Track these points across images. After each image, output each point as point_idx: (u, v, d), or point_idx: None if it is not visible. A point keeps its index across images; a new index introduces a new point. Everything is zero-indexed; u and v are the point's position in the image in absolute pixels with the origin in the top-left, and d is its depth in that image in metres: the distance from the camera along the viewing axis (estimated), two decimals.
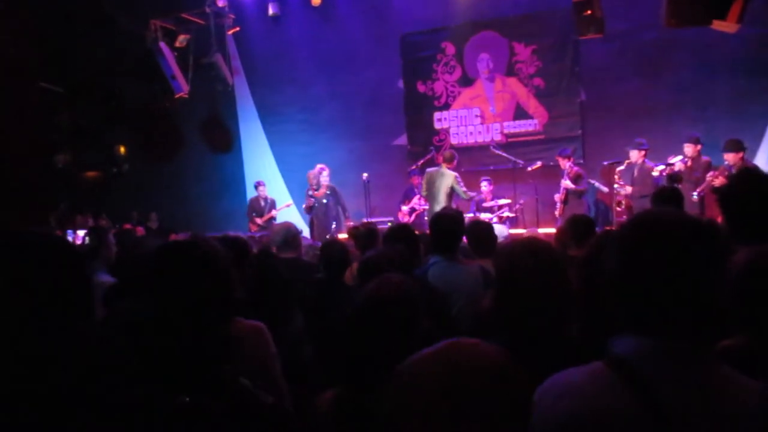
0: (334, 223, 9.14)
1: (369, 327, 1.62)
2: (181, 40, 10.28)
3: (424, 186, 8.20)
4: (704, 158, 7.41)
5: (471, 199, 8.24)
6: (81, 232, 6.47)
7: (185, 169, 11.56)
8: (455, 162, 8.06)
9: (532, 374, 1.44)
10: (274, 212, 9.90)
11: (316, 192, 9.22)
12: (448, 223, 3.58)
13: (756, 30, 7.45)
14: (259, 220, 9.80)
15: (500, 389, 1.00)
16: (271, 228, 9.63)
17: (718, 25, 6.42)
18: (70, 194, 11.20)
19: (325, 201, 9.21)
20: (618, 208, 7.89)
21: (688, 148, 7.38)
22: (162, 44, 9.81)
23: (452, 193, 7.93)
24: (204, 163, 11.63)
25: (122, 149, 11.88)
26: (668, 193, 4.26)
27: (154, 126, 11.53)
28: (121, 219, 10.57)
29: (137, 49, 10.01)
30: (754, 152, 7.88)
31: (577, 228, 3.90)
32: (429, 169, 8.34)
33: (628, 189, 7.79)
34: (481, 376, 0.99)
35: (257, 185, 10.07)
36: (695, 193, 6.96)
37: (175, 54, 10.08)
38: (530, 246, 1.91)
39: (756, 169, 5.48)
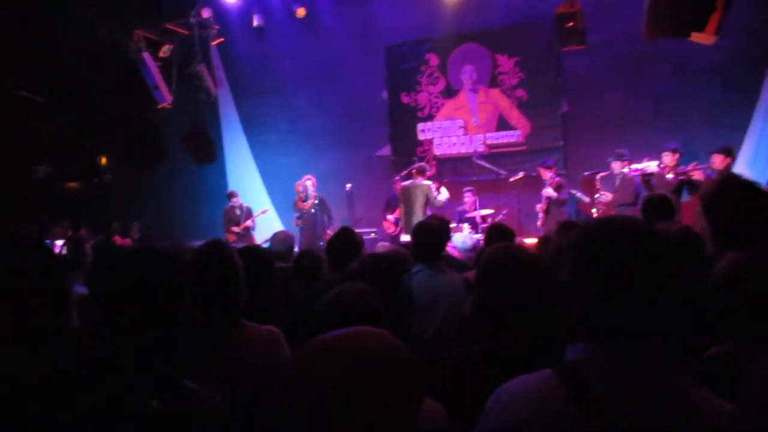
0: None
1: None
2: (165, 50, 10.25)
3: (401, 200, 8.39)
4: (682, 168, 7.52)
5: (442, 204, 8.33)
6: (59, 242, 6.39)
7: (168, 179, 11.48)
8: (427, 173, 8.28)
9: (508, 378, 1.43)
10: (249, 222, 9.84)
11: (304, 204, 9.19)
12: (430, 233, 3.63)
13: (733, 42, 7.58)
14: (236, 229, 9.72)
15: (392, 379, 0.98)
16: (248, 238, 9.61)
17: (696, 37, 6.53)
18: (51, 205, 11.07)
19: (313, 211, 9.20)
20: (596, 216, 7.96)
21: (667, 157, 7.50)
22: (145, 54, 9.77)
23: (427, 203, 8.11)
24: (187, 173, 11.55)
25: (104, 159, 11.78)
26: (657, 201, 4.24)
27: (137, 136, 11.44)
28: (103, 230, 10.45)
29: (120, 59, 9.96)
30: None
31: (569, 233, 3.90)
32: (404, 183, 8.50)
33: (608, 196, 7.87)
34: (375, 364, 0.97)
35: (230, 195, 9.99)
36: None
37: (159, 64, 10.04)
38: (509, 252, 1.91)
39: (739, 176, 5.58)
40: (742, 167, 7.85)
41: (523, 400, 1.14)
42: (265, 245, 5.15)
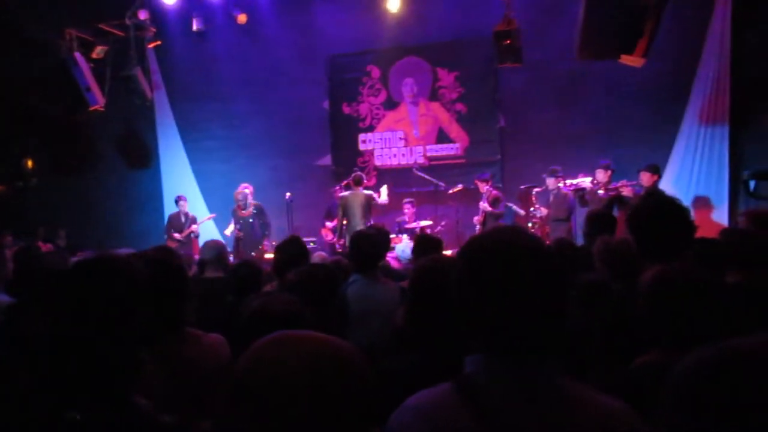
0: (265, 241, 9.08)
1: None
2: (99, 51, 9.90)
3: (341, 210, 8.50)
4: (613, 184, 7.86)
5: (385, 203, 8.73)
6: None
7: (99, 184, 11.06)
8: (365, 183, 8.56)
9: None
10: (194, 227, 9.62)
11: (243, 212, 9.04)
12: (367, 243, 3.68)
13: (659, 65, 7.98)
14: (178, 236, 9.46)
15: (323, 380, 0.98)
16: (190, 245, 9.38)
17: (626, 59, 6.85)
18: None
19: (251, 220, 9.07)
20: (532, 230, 8.18)
21: (600, 174, 7.83)
22: (77, 55, 9.41)
23: (368, 213, 8.34)
24: (120, 178, 11.17)
25: (30, 163, 11.24)
26: (599, 216, 4.51)
27: (67, 139, 10.99)
28: (28, 236, 9.95)
29: (51, 59, 9.56)
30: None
31: None
32: (342, 194, 8.64)
33: (543, 211, 8.14)
34: (309, 359, 0.96)
35: (178, 200, 9.73)
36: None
37: (92, 65, 9.69)
38: (438, 263, 1.94)
39: (661, 193, 5.88)
40: (667, 184, 8.25)
41: (422, 416, 1.16)
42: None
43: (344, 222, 8.53)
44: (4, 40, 9.68)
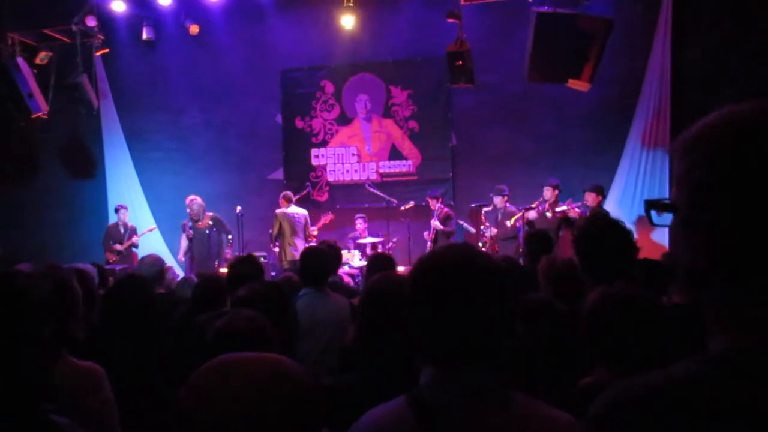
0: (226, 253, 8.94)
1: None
2: (42, 57, 9.61)
3: (275, 226, 8.69)
4: (561, 204, 8.07)
5: (312, 230, 8.93)
6: None
7: (40, 194, 10.66)
8: (294, 200, 8.92)
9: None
10: (135, 238, 9.32)
11: (199, 224, 8.84)
12: (317, 257, 3.70)
13: (604, 90, 8.29)
14: (118, 247, 9.15)
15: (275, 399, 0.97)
16: (130, 258, 9.10)
17: (573, 83, 7.09)
18: None
19: (207, 232, 8.87)
20: (483, 249, 8.30)
21: (547, 192, 8.05)
22: (20, 59, 9.10)
23: (299, 230, 8.67)
24: (62, 188, 10.79)
25: None
26: (539, 234, 4.72)
27: (6, 147, 10.57)
28: None
29: None
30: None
31: None
32: (278, 211, 8.76)
33: (493, 231, 8.29)
34: (254, 382, 0.95)
35: (118, 209, 9.42)
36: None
37: (35, 71, 9.38)
38: (389, 281, 1.94)
39: (606, 215, 6.07)
40: (612, 205, 8.52)
41: (375, 429, 1.19)
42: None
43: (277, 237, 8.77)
44: None
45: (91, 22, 9.38)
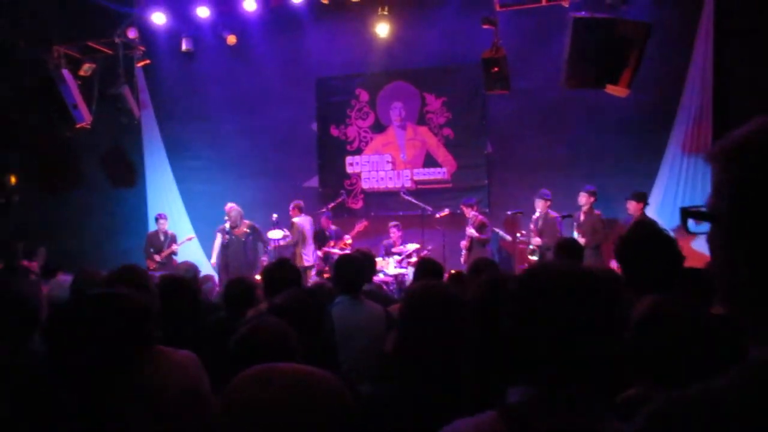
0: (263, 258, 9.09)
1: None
2: (86, 68, 9.88)
3: (296, 233, 9.02)
4: (596, 212, 7.94)
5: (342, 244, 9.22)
6: None
7: (83, 202, 10.94)
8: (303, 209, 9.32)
9: (430, 417, 1.42)
10: (174, 247, 9.50)
11: (236, 230, 8.97)
12: (351, 265, 3.72)
13: (643, 95, 8.12)
14: (157, 257, 9.34)
15: (312, 408, 0.97)
16: (170, 266, 9.26)
17: (611, 89, 6.98)
18: None
19: (244, 240, 9.00)
20: (532, 257, 8.16)
21: (582, 198, 7.92)
22: (65, 71, 9.38)
23: (314, 238, 9.09)
24: (104, 197, 11.06)
25: (13, 179, 11.11)
26: (568, 243, 4.59)
27: (52, 156, 10.89)
28: (5, 252, 9.78)
29: (39, 76, 9.52)
30: None
31: (478, 275, 4.03)
32: (295, 219, 9.06)
33: (537, 240, 8.10)
34: (290, 395, 0.95)
35: (158, 218, 9.65)
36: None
37: (79, 83, 9.66)
38: (432, 291, 1.93)
39: (650, 223, 5.93)
40: (651, 214, 8.32)
41: None
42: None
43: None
44: None
45: (133, 34, 9.65)
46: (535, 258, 8.03)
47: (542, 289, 1.22)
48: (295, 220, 9.02)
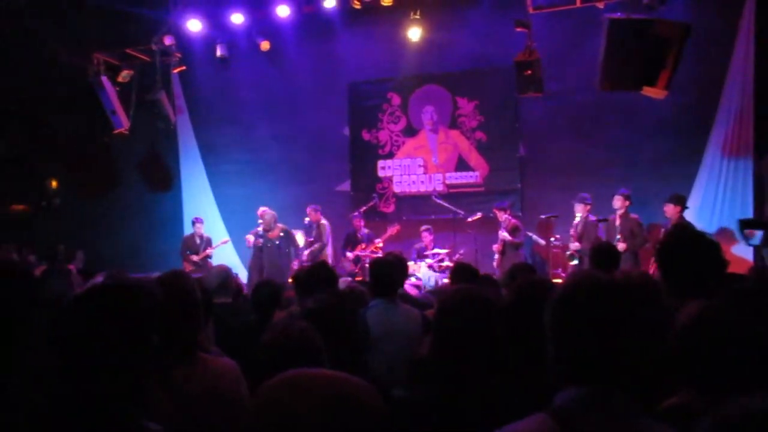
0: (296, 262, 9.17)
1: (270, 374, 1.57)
2: (124, 75, 10.12)
3: (321, 236, 9.28)
4: (632, 215, 7.77)
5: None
6: None
7: (121, 206, 11.21)
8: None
9: (465, 419, 1.41)
10: (210, 250, 9.65)
11: (270, 233, 9.04)
12: (387, 268, 3.69)
13: (680, 97, 7.94)
14: (194, 258, 9.50)
15: (341, 414, 0.97)
16: (206, 268, 9.39)
17: (647, 91, 6.84)
18: None
19: (277, 243, 9.07)
20: (572, 263, 8.02)
21: (617, 201, 7.75)
22: (104, 78, 9.63)
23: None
24: (141, 201, 11.31)
25: (54, 183, 11.42)
26: (605, 248, 4.49)
27: (91, 161, 11.17)
28: (47, 255, 10.05)
29: (78, 82, 9.79)
30: None
31: (513, 281, 3.99)
32: (323, 222, 9.31)
33: (577, 245, 7.94)
34: (321, 402, 0.95)
35: (195, 221, 9.83)
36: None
37: (117, 89, 9.90)
38: (466, 295, 1.91)
39: (690, 227, 5.78)
40: (690, 218, 8.13)
41: None
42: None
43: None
44: (33, 63, 9.93)
45: (169, 41, 9.83)
46: (574, 263, 7.89)
47: (590, 293, 1.24)
48: (323, 222, 9.11)
